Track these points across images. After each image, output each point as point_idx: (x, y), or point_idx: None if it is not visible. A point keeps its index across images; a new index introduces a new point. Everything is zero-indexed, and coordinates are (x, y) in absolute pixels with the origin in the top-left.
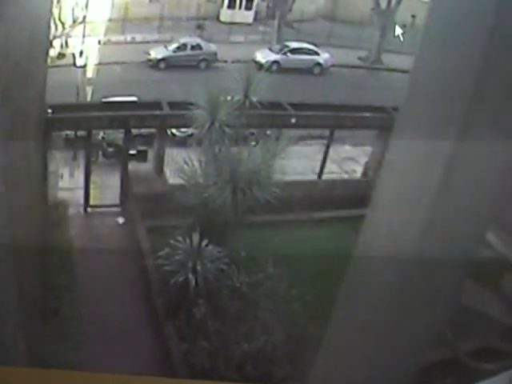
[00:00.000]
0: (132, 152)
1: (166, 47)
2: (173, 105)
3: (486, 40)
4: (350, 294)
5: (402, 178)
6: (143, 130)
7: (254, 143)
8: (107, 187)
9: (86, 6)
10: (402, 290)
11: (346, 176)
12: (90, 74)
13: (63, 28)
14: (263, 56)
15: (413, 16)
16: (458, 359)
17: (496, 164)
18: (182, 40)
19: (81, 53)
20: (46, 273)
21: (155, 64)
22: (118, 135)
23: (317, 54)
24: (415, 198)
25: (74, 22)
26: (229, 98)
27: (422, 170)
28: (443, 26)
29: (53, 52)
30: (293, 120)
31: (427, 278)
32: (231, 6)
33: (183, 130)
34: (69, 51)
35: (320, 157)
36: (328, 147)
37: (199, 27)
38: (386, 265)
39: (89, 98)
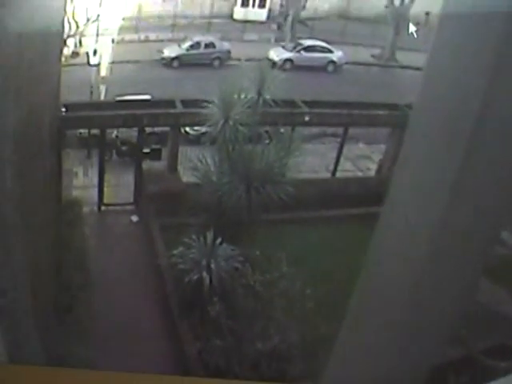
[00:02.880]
0: (146, 150)
1: (179, 45)
2: (186, 103)
3: (501, 36)
4: (364, 292)
5: (417, 175)
6: (157, 129)
7: (267, 141)
8: (121, 185)
9: (100, 5)
10: (416, 289)
11: (360, 174)
12: (103, 72)
13: (77, 27)
14: (277, 54)
15: (427, 13)
16: (473, 357)
17: None
18: (196, 38)
19: (94, 51)
20: (60, 271)
21: (169, 62)
22: (131, 133)
23: (330, 51)
24: (430, 196)
25: (88, 20)
26: (242, 96)
27: (437, 167)
28: (457, 22)
29: (67, 51)
30: (306, 118)
31: (441, 276)
32: (244, 4)
33: (197, 128)
34: (83, 50)
35: (334, 155)
36: (342, 145)
37: (279, 27)
38: (399, 264)
39: (102, 97)
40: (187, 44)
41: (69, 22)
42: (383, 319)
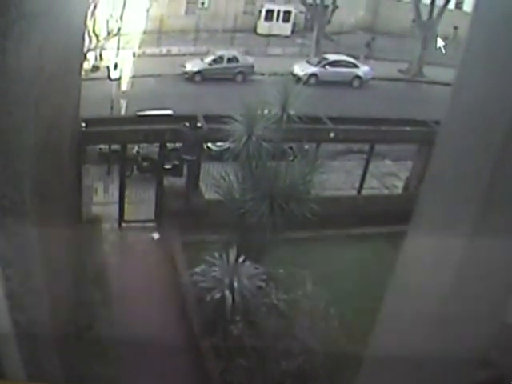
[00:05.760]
0: (167, 166)
1: (202, 60)
2: (209, 118)
3: None
4: (390, 312)
5: (444, 193)
6: (178, 145)
7: (291, 158)
8: (142, 202)
9: (121, 18)
10: (444, 308)
11: (386, 191)
12: (124, 86)
13: (97, 40)
14: (301, 69)
15: (455, 28)
16: (504, 380)
17: None
18: (219, 52)
19: (115, 65)
20: (80, 288)
21: (191, 77)
22: (152, 149)
23: (356, 66)
24: (458, 214)
25: (109, 34)
26: (266, 111)
27: (465, 184)
28: (486, 37)
29: (87, 65)
30: (331, 134)
31: (470, 295)
32: (268, 18)
33: (219, 144)
34: (103, 64)
35: (360, 172)
36: (368, 162)
37: (368, 45)
38: (427, 281)
39: (123, 112)
40: (210, 58)
41: (89, 36)
42: (409, 339)
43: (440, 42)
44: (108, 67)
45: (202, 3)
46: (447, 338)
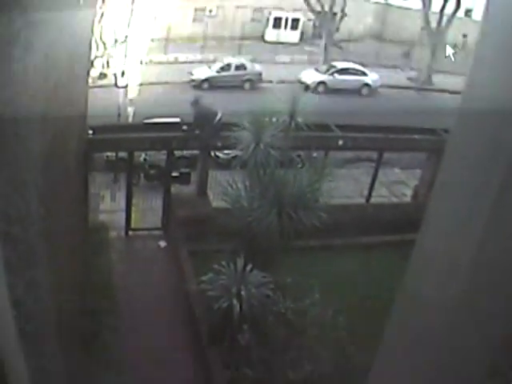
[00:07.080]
0: (174, 174)
1: (209, 67)
2: None
3: None
4: (398, 321)
5: (454, 201)
6: (186, 152)
7: (300, 165)
8: (149, 210)
9: (128, 26)
10: (453, 318)
11: (395, 199)
12: (131, 94)
13: (105, 48)
14: (309, 76)
15: (464, 36)
16: None
17: None
18: (226, 60)
19: (122, 73)
20: (87, 296)
21: (198, 84)
22: (160, 157)
23: (365, 74)
24: (467, 223)
25: (116, 41)
26: (274, 119)
27: (474, 193)
28: (496, 45)
29: (94, 72)
30: (340, 142)
31: (481, 304)
32: (276, 25)
33: (227, 151)
34: (110, 71)
35: (368, 180)
36: (376, 170)
37: (405, 55)
38: (436, 292)
39: (130, 119)
40: (217, 66)
41: (96, 43)
42: (418, 348)
43: (449, 50)
44: (115, 74)
45: (210, 11)
46: (457, 347)
